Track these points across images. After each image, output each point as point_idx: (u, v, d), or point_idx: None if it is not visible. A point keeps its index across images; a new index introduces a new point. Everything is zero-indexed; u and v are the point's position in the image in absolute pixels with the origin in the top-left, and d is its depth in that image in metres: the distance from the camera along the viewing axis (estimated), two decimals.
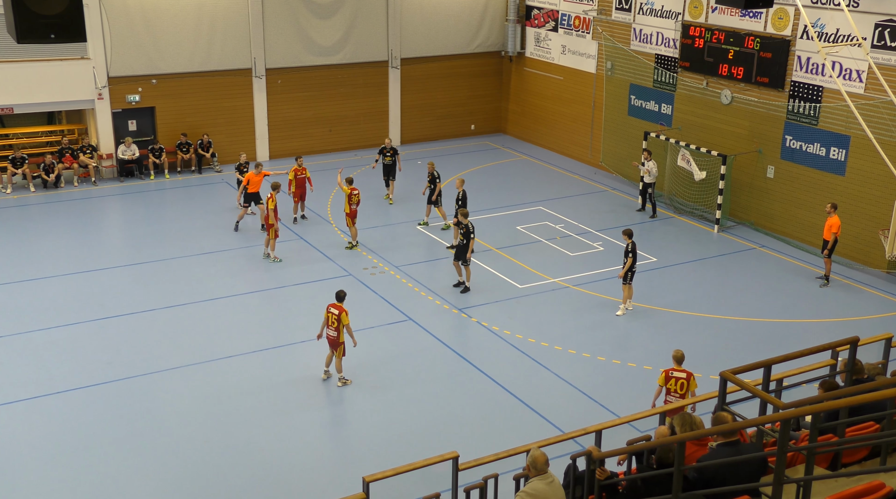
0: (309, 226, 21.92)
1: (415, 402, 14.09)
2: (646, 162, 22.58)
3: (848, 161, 19.91)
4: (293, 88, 27.72)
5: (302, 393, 14.37)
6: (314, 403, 14.10)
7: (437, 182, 21.29)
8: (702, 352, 15.81)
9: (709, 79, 23.07)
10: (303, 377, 14.92)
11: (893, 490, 2.77)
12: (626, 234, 17.13)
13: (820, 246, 19.68)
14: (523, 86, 30.23)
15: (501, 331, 16.55)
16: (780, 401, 8.38)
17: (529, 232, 21.81)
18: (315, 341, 16.21)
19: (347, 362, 14.79)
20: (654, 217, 22.69)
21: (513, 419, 13.57)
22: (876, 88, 18.40)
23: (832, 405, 7.15)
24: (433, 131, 30.30)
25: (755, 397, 8.50)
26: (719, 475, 6.85)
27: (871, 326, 16.21)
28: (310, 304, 17.57)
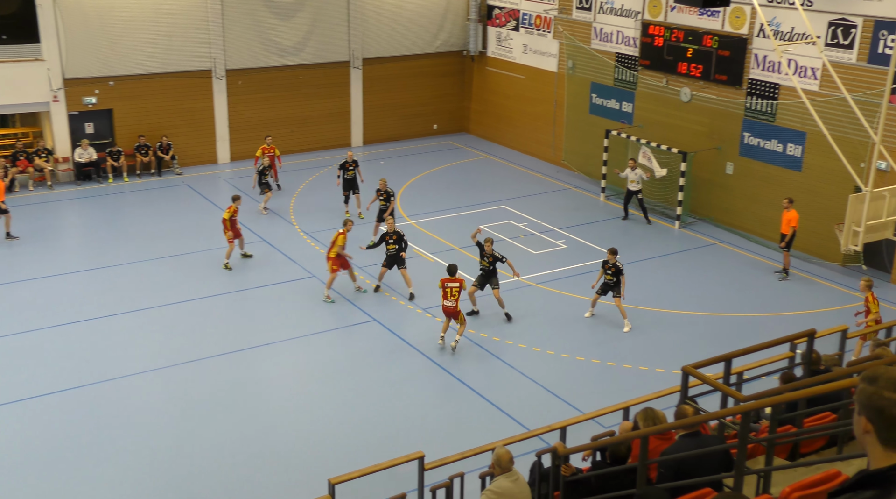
0: (272, 227, 21.78)
1: (380, 402, 14.07)
2: (631, 170, 22.12)
3: (804, 157, 20.26)
4: (254, 89, 27.53)
5: (267, 396, 14.29)
6: (279, 405, 14.03)
7: (391, 200, 20.39)
8: (665, 347, 16.00)
9: (668, 77, 23.33)
10: (269, 380, 14.84)
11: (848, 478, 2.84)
12: (612, 252, 16.71)
13: (778, 240, 20.00)
14: (485, 85, 30.32)
15: (465, 329, 16.57)
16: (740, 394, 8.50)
17: (493, 231, 21.88)
18: (282, 344, 16.11)
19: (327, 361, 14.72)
20: (649, 223, 22.41)
21: (478, 418, 13.61)
22: (830, 86, 18.75)
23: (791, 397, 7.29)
24: (396, 131, 30.27)
25: (716, 390, 8.62)
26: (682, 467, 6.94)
27: (827, 318, 16.51)
28: (276, 306, 17.46)
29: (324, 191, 24.79)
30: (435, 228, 21.68)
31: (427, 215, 22.58)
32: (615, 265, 16.58)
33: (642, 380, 14.70)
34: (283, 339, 16.18)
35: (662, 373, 14.98)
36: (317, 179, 26.02)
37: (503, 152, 29.19)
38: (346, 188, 22.52)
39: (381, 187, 20.55)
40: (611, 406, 11.56)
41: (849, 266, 19.61)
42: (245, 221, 22.14)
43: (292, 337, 16.29)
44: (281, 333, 16.36)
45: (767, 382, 11.84)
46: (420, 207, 23.36)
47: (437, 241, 20.98)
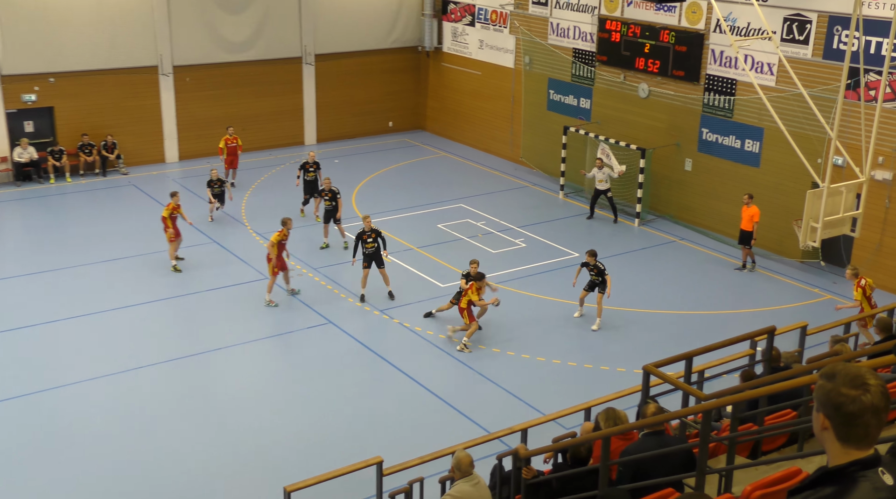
0: (223, 228, 21.54)
1: (336, 407, 13.99)
2: (598, 170, 22.16)
3: (762, 153, 20.60)
4: (203, 86, 27.20)
5: (220, 402, 14.12)
6: (232, 411, 13.87)
7: (337, 199, 20.10)
8: (625, 346, 16.14)
9: (626, 73, 23.56)
10: (222, 386, 14.67)
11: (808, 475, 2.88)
12: (592, 255, 16.81)
13: (737, 237, 20.32)
14: (441, 81, 30.33)
15: (424, 331, 16.57)
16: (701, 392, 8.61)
17: (450, 230, 21.89)
18: (234, 349, 15.95)
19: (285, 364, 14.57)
20: (616, 222, 22.48)
21: (437, 421, 13.61)
22: (786, 81, 19.08)
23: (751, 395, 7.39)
24: (350, 129, 30.14)
25: (678, 389, 8.72)
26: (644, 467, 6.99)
27: (787, 315, 16.80)
28: (227, 309, 17.27)
29: (277, 190, 24.59)
30: (391, 227, 21.62)
31: (383, 215, 22.51)
32: (597, 266, 16.75)
33: (604, 380, 14.82)
34: (234, 343, 16.01)
35: (623, 372, 15.11)
36: (269, 179, 25.79)
37: (460, 150, 29.23)
38: (306, 190, 22.16)
39: (325, 187, 20.30)
40: (572, 407, 11.63)
41: (807, 262, 19.98)
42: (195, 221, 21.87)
43: (245, 341, 16.13)
44: (232, 338, 16.19)
45: (728, 380, 12.01)
46: (375, 207, 23.27)
47: (394, 241, 20.93)
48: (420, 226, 21.96)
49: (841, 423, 2.88)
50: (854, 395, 2.85)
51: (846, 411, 2.86)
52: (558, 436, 10.75)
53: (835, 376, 2.91)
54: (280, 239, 17.43)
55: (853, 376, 2.88)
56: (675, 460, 7.04)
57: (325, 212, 20.32)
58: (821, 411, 2.95)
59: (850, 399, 2.85)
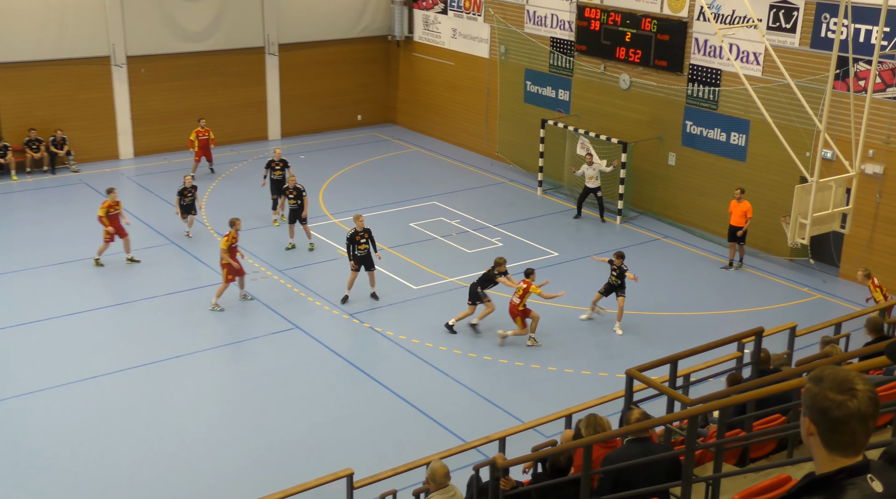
0: (182, 227, 21.35)
1: (304, 416, 13.93)
2: (588, 166, 22.05)
3: (748, 146, 20.78)
4: (159, 78, 26.98)
5: (181, 413, 14.01)
6: (191, 423, 13.76)
7: (303, 197, 19.95)
8: (608, 350, 16.21)
9: (606, 63, 23.66)
10: (181, 395, 14.55)
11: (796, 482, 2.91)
12: (620, 256, 16.98)
13: (725, 234, 20.47)
14: (412, 72, 30.30)
15: (396, 336, 16.54)
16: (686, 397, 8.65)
17: (423, 229, 21.87)
18: (194, 356, 15.85)
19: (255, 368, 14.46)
20: (604, 221, 22.48)
21: (411, 431, 13.59)
22: (773, 71, 19.26)
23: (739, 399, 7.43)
24: (316, 123, 30.04)
25: (662, 394, 8.75)
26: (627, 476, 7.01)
27: (776, 315, 16.95)
28: (186, 314, 17.13)
29: (238, 188, 24.45)
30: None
31: (351, 213, 22.35)
32: (621, 268, 16.87)
33: (585, 385, 14.87)
34: (193, 351, 15.89)
35: (606, 377, 15.18)
36: (231, 176, 25.64)
37: (433, 144, 29.22)
38: (274, 190, 21.84)
39: (289, 185, 20.15)
40: (552, 414, 11.66)
41: (796, 260, 20.18)
42: (154, 221, 21.71)
43: (204, 348, 16.02)
44: (191, 345, 16.07)
45: (715, 384, 12.09)
46: (344, 205, 23.20)
47: None
48: (391, 225, 21.92)
49: (826, 429, 2.90)
50: (840, 400, 2.86)
51: (831, 417, 2.87)
52: (538, 445, 10.77)
53: (822, 380, 2.93)
54: (231, 243, 17.22)
55: (840, 380, 2.90)
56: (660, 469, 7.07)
57: (291, 211, 20.17)
58: (807, 416, 2.96)
59: (836, 404, 2.87)
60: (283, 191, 20.53)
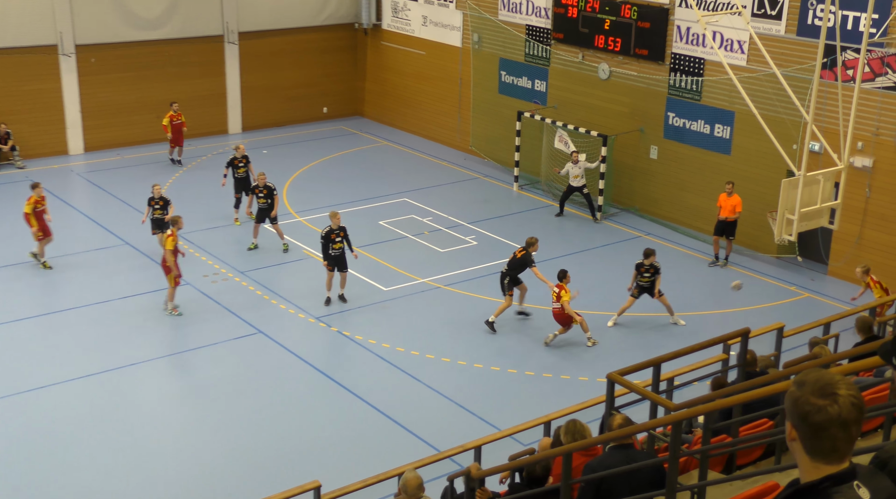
0: (135, 227, 21.19)
1: (269, 426, 13.87)
2: (574, 164, 21.97)
3: (733, 139, 20.95)
4: (111, 68, 26.75)
5: (137, 425, 13.90)
6: (149, 434, 13.66)
7: (273, 196, 19.86)
8: (588, 353, 16.28)
9: (584, 51, 23.76)
10: (138, 406, 14.45)
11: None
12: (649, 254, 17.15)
13: (711, 230, 20.62)
14: (381, 62, 30.25)
15: (366, 340, 16.52)
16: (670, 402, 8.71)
17: (393, 227, 21.85)
18: (151, 363, 15.77)
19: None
20: (597, 221, 22.43)
21: (382, 440, 13.58)
22: (758, 60, 19.42)
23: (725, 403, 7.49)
24: (279, 116, 29.91)
25: (645, 399, 8.80)
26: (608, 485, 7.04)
27: (762, 315, 17.10)
28: (142, 319, 17.01)
29: (196, 185, 24.30)
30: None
31: (317, 211, 22.37)
32: (653, 265, 17.00)
33: (564, 390, 14.93)
34: (151, 357, 15.80)
35: (586, 382, 15.24)
36: (188, 172, 25.48)
37: (403, 138, 29.19)
38: (237, 189, 21.66)
39: (259, 183, 20.09)
40: (530, 421, 11.69)
41: (783, 258, 20.37)
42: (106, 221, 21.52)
43: (163, 355, 15.92)
44: (149, 352, 15.96)
45: (700, 388, 12.18)
46: (309, 202, 23.13)
47: None
48: (359, 223, 21.87)
49: (807, 434, 2.92)
50: (821, 405, 2.89)
51: (811, 422, 2.90)
52: (515, 453, 10.79)
53: (804, 384, 2.96)
54: (176, 243, 17.03)
55: (823, 384, 2.92)
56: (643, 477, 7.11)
57: (259, 211, 20.06)
58: (789, 421, 2.99)
59: (816, 409, 2.89)
60: (253, 189, 20.40)
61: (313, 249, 20.16)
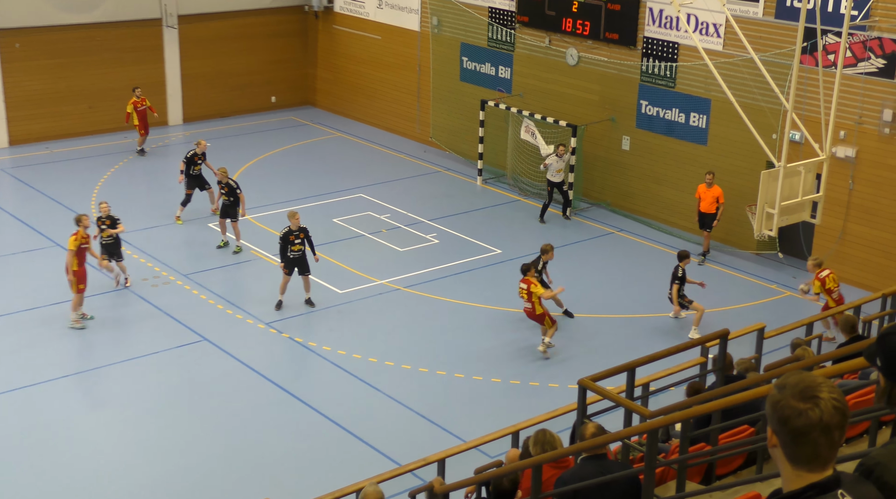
0: (64, 230, 20.92)
1: (215, 441, 13.80)
2: (559, 159, 21.72)
3: (710, 128, 21.16)
4: (37, 54, 26.42)
5: (74, 442, 13.76)
6: (84, 452, 13.52)
7: (237, 193, 19.83)
8: (558, 358, 16.36)
9: (551, 36, 23.85)
10: (74, 421, 14.30)
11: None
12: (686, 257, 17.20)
13: (687, 226, 20.80)
14: (333, 48, 30.15)
15: (320, 347, 16.48)
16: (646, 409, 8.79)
17: (349, 225, 21.81)
18: (85, 375, 15.61)
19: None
20: (568, 218, 22.45)
21: (338, 454, 13.55)
22: (735, 44, 19.63)
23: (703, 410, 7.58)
24: (224, 106, 29.72)
25: (619, 406, 8.87)
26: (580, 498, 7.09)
27: (742, 315, 17.28)
28: (70, 328, 16.82)
29: (134, 182, 24.07)
30: (277, 223, 21.39)
31: (266, 208, 22.27)
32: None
33: (533, 398, 14.99)
34: (85, 369, 15.65)
35: (556, 388, 15.31)
36: (124, 167, 25.24)
37: (358, 129, 29.13)
38: (190, 185, 21.51)
39: (220, 179, 20.04)
40: (496, 432, 11.73)
41: (763, 254, 20.61)
42: (33, 220, 21.26)
43: (98, 366, 15.75)
44: (83, 362, 15.80)
45: (677, 393, 12.29)
46: (257, 199, 22.98)
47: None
48: (312, 221, 21.73)
49: (788, 440, 2.96)
50: (801, 408, 2.93)
51: (792, 427, 2.94)
52: (481, 466, 10.82)
53: (784, 387, 2.99)
54: (80, 244, 16.73)
55: (804, 387, 2.96)
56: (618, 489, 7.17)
57: (223, 207, 20.04)
58: (770, 426, 3.03)
59: (797, 413, 2.93)
60: (218, 183, 20.19)
61: (262, 250, 20.07)
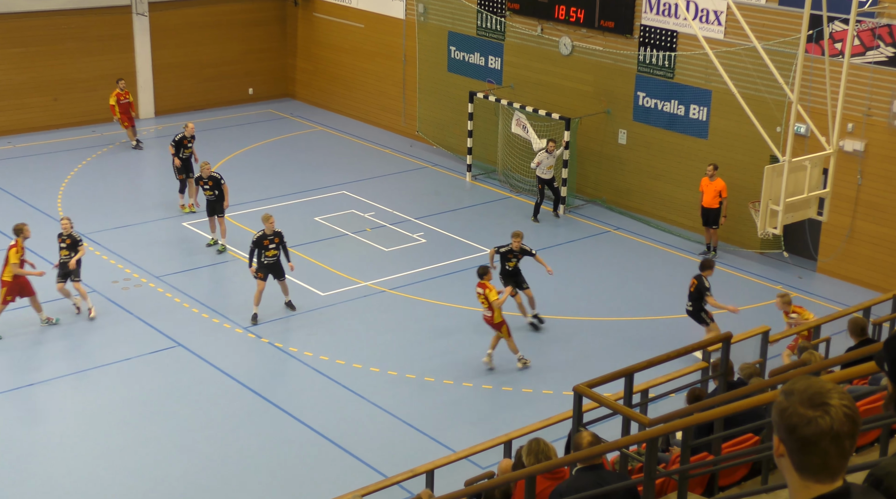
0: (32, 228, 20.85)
1: (192, 451, 13.77)
2: (549, 155, 21.73)
3: (710, 121, 21.20)
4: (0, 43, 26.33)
5: (34, 454, 13.73)
6: (50, 463, 13.49)
7: (221, 186, 20.03)
8: (552, 363, 16.37)
9: (544, 24, 23.87)
10: (34, 431, 14.27)
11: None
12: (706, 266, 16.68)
13: (685, 223, 20.84)
14: (314, 36, 30.11)
15: (301, 353, 16.45)
16: (644, 417, 8.80)
17: (331, 224, 21.78)
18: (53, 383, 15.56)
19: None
20: (558, 216, 22.41)
21: (320, 465, 13.54)
22: (737, 32, 19.67)
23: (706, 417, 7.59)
24: (198, 98, 29.65)
25: (616, 413, 8.88)
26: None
27: (745, 318, 17.31)
28: (39, 332, 16.75)
29: (104, 177, 24.00)
30: (256, 222, 21.33)
31: (244, 207, 22.22)
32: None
33: (526, 405, 15.00)
34: (52, 377, 15.58)
35: (550, 395, 15.32)
36: (94, 162, 25.15)
37: (340, 122, 29.10)
38: (180, 171, 22.13)
39: (203, 174, 20.13)
40: (488, 441, 11.73)
41: (767, 253, 20.66)
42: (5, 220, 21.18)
43: (66, 373, 15.71)
44: (50, 370, 15.74)
45: (677, 400, 12.32)
46: (234, 197, 22.89)
47: None
48: (292, 219, 21.76)
49: (795, 449, 2.96)
50: (810, 416, 2.93)
51: (800, 436, 2.94)
52: (471, 478, 10.83)
53: (792, 393, 3.00)
54: (21, 255, 16.54)
55: (813, 394, 2.96)
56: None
57: (208, 203, 20.24)
58: (776, 434, 3.04)
59: (805, 421, 2.93)
60: (198, 180, 20.33)
61: (239, 251, 20.03)
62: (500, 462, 9.75)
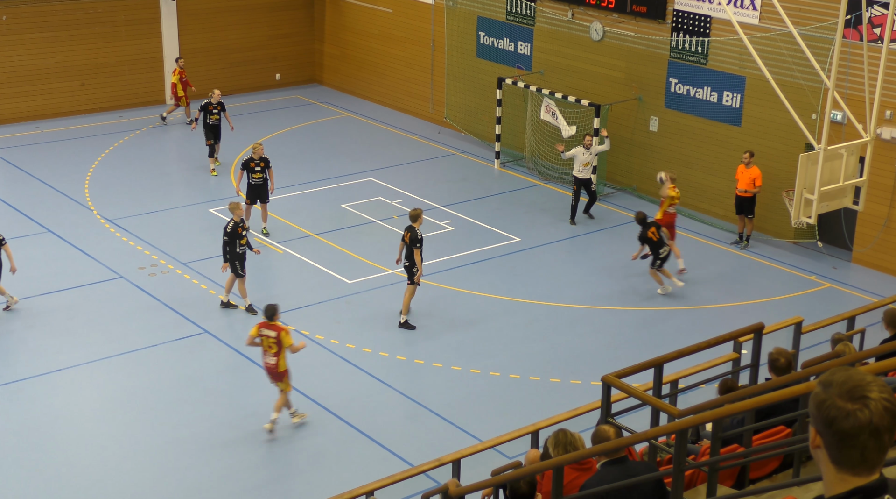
0: (60, 214, 21.02)
1: (215, 440, 13.85)
2: (585, 149, 20.98)
3: (744, 108, 21.05)
4: (26, 28, 26.49)
5: (62, 437, 13.86)
6: (82, 448, 13.60)
7: (268, 170, 19.87)
8: (581, 352, 16.34)
9: (574, 9, 23.77)
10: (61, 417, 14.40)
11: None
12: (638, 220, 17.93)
13: (717, 212, 20.72)
14: (342, 21, 30.13)
15: (327, 340, 16.51)
16: (674, 408, 8.76)
17: (358, 211, 21.82)
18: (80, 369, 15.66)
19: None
20: (592, 217, 21.78)
21: (347, 453, 13.59)
22: (772, 17, 19.51)
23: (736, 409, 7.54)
24: (225, 83, 29.66)
25: (645, 404, 8.85)
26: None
27: (778, 308, 17.23)
28: (66, 319, 16.90)
29: (131, 163, 24.14)
30: (282, 209, 21.44)
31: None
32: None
33: (554, 395, 14.98)
34: (78, 363, 15.69)
35: (578, 385, 15.31)
36: (121, 148, 25.30)
37: (367, 108, 29.12)
38: (208, 136, 23.28)
39: (254, 155, 19.91)
40: (515, 431, 11.72)
41: (801, 243, 20.52)
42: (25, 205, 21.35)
43: (91, 360, 15.81)
44: (75, 356, 15.85)
45: (707, 391, 12.26)
46: None
47: (288, 226, 20.76)
48: (319, 207, 21.82)
49: (833, 442, 2.94)
50: (850, 409, 2.91)
51: (839, 429, 2.91)
52: (498, 468, 10.83)
53: (830, 385, 2.97)
54: None
55: (852, 386, 2.94)
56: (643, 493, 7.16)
57: (253, 188, 19.96)
58: (813, 426, 3.01)
59: (844, 414, 2.90)
60: (247, 163, 20.06)
61: (268, 239, 20.09)
62: (528, 452, 9.73)
